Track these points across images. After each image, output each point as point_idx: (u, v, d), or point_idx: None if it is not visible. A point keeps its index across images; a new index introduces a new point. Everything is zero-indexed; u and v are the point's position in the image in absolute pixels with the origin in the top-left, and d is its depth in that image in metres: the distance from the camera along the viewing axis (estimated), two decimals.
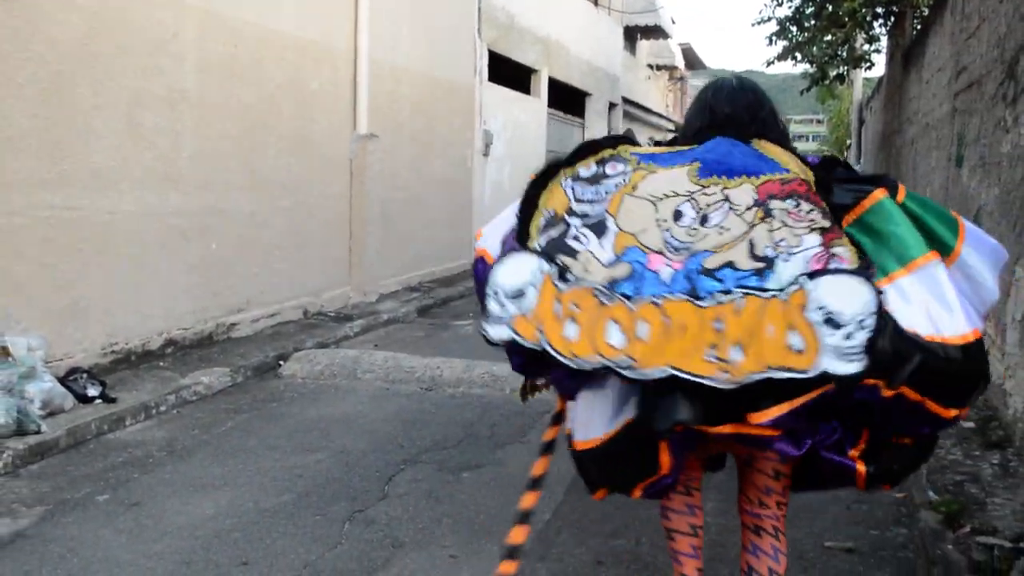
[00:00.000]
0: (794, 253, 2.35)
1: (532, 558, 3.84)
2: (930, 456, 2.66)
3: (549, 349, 2.42)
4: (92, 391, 5.79)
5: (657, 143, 3.07)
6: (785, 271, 2.32)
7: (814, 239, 2.37)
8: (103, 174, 6.41)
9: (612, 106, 21.95)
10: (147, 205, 6.85)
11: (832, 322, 2.21)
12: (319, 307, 9.34)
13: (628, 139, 2.95)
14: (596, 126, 20.54)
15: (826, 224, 2.41)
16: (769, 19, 17.75)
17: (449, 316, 10.19)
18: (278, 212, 8.58)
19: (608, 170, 2.78)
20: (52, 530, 4.03)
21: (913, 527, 4.18)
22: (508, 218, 2.95)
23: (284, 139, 8.63)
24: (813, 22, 16.73)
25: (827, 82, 18.70)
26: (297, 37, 8.75)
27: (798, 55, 17.56)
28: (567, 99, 19.02)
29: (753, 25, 19.00)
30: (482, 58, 13.70)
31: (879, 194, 2.47)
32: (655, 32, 27.61)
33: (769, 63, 18.32)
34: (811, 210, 2.45)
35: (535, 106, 16.69)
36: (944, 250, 2.45)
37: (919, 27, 13.30)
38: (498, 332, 2.54)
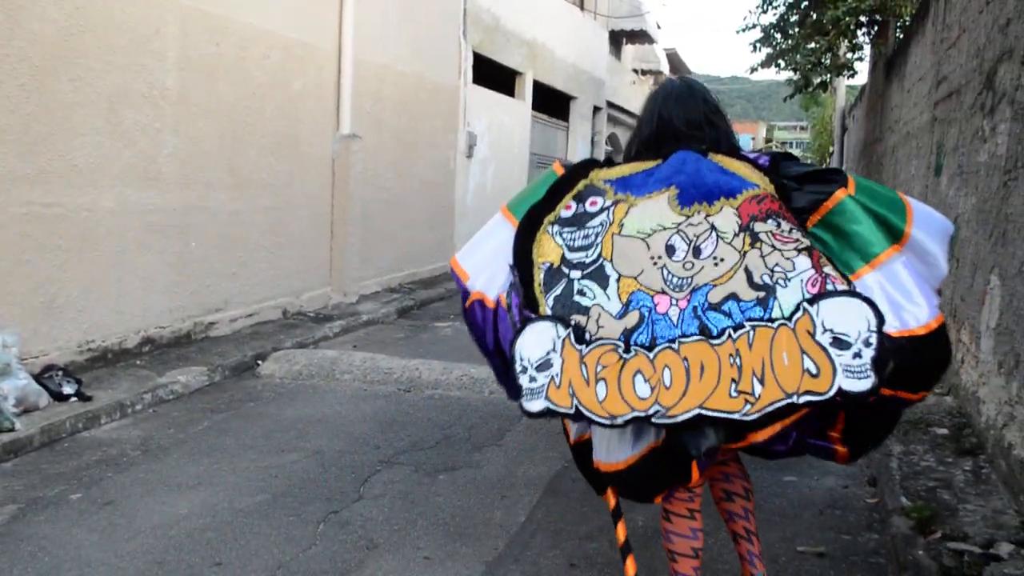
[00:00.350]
0: (790, 278, 2.49)
1: (506, 561, 3.84)
2: (895, 426, 2.83)
3: (587, 414, 2.53)
4: (67, 389, 5.76)
5: (610, 161, 3.11)
6: (786, 298, 2.46)
7: (804, 261, 2.51)
8: (82, 171, 6.37)
9: (597, 110, 21.99)
10: (126, 203, 6.81)
11: (840, 343, 2.36)
12: (299, 307, 9.32)
13: (596, 162, 3.03)
14: (580, 129, 20.57)
15: (808, 243, 2.55)
16: (754, 26, 17.82)
17: (429, 318, 10.18)
18: (259, 211, 8.55)
19: (588, 207, 2.84)
20: (24, 528, 4.01)
21: (885, 532, 4.20)
22: (484, 242, 3.02)
23: (266, 138, 8.60)
24: (797, 30, 16.82)
25: (810, 89, 18.78)
26: (282, 36, 8.73)
27: (782, 62, 17.64)
28: (552, 102, 19.05)
29: (738, 32, 19.07)
30: (467, 60, 13.70)
31: (840, 194, 2.60)
32: (640, 37, 27.66)
33: (753, 69, 18.40)
34: (791, 229, 2.58)
35: (519, 108, 16.70)
36: (896, 234, 2.58)
37: (901, 36, 13.39)
38: (536, 406, 2.60)
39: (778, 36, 17.53)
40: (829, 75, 18.44)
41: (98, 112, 6.50)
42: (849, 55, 17.94)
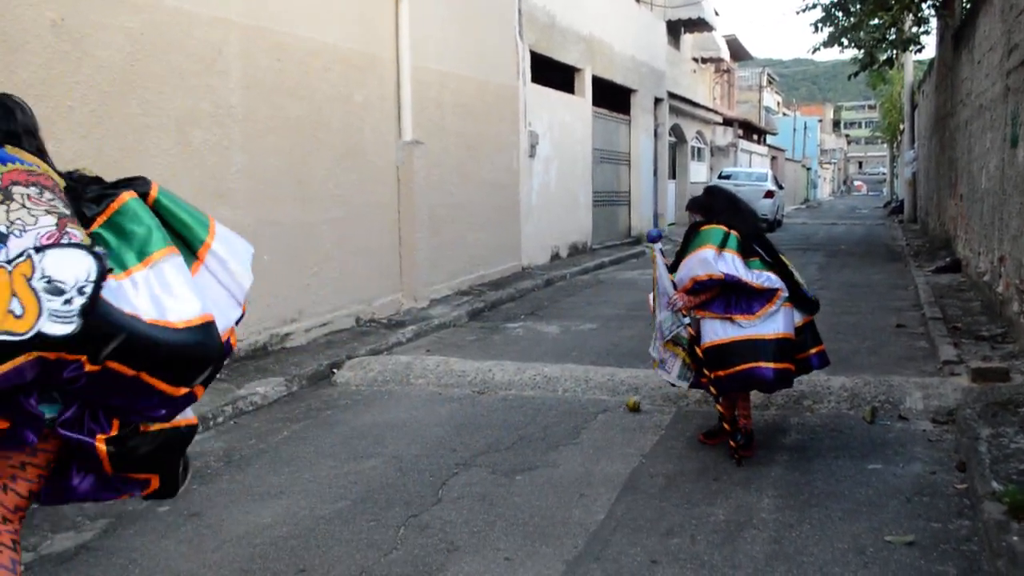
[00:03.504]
0: (27, 231, 2.53)
1: (587, 559, 3.83)
2: (188, 444, 2.93)
3: None
4: None
5: None
6: (16, 245, 2.49)
7: (50, 220, 2.57)
8: None
9: (658, 101, 21.82)
10: None
11: (56, 290, 2.43)
12: (371, 315, 9.42)
13: None
14: (642, 122, 20.43)
15: (66, 212, 2.62)
16: (814, 6, 17.53)
17: (500, 319, 10.21)
18: (328, 222, 8.67)
19: None
20: (114, 542, 4.12)
21: (976, 519, 4.09)
22: None
23: (332, 150, 8.72)
24: (859, 6, 16.49)
25: (876, 67, 18.43)
26: (341, 49, 8.84)
27: (845, 40, 17.32)
28: (612, 96, 18.95)
29: (798, 13, 18.77)
30: (524, 60, 13.71)
31: (126, 196, 2.75)
32: (698, 25, 27.41)
33: (816, 50, 18.14)
34: (53, 198, 2.65)
35: (580, 105, 16.65)
36: (197, 243, 2.86)
37: (968, 6, 13.01)
38: None
39: (840, 14, 17.23)
40: (895, 51, 18.08)
41: (167, 133, 6.66)
42: (915, 29, 17.54)
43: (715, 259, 4.89)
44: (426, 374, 7.15)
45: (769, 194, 25.03)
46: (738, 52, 38.51)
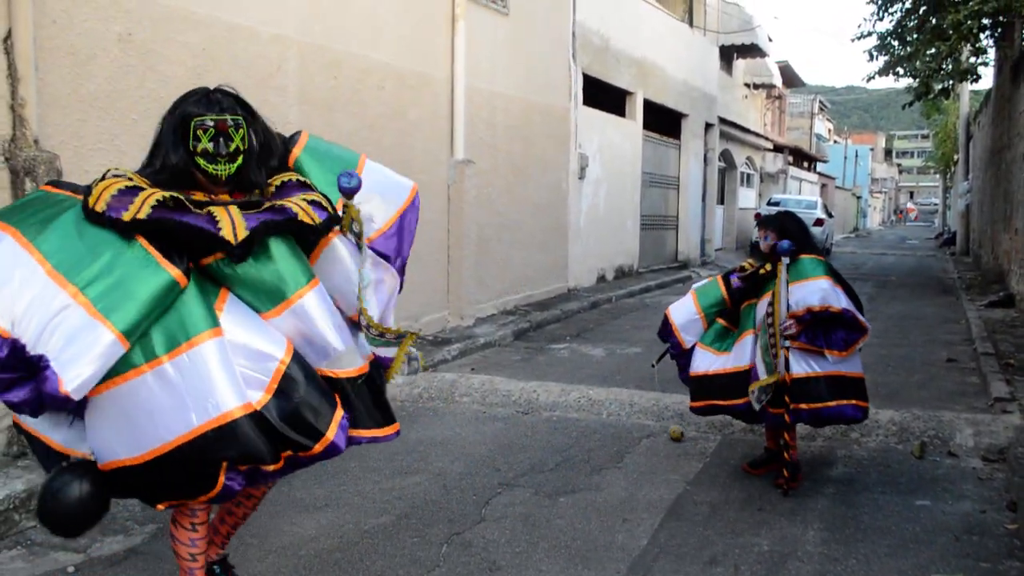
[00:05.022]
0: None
1: None
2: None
3: None
4: None
5: None
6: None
7: None
8: None
9: (709, 126, 21.75)
10: None
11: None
12: (418, 331, 9.45)
13: None
14: (693, 147, 20.38)
15: None
16: (870, 34, 17.40)
17: (545, 340, 10.21)
18: None
19: None
20: (162, 547, 4.17)
21: None
22: None
23: (384, 166, 8.79)
24: (916, 35, 16.32)
25: (931, 97, 18.20)
26: (396, 67, 8.95)
27: (900, 69, 17.15)
28: (663, 120, 18.93)
29: (853, 40, 18.64)
30: (577, 82, 13.76)
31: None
32: (752, 51, 27.28)
33: (870, 78, 17.95)
34: None
35: (630, 128, 16.66)
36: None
37: None
38: None
39: (896, 43, 17.06)
40: (951, 81, 17.84)
41: None
42: (972, 59, 17.32)
43: (835, 291, 4.83)
44: (471, 392, 7.18)
45: (819, 222, 24.81)
46: (790, 78, 38.27)
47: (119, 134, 5.86)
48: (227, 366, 2.67)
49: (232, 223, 2.69)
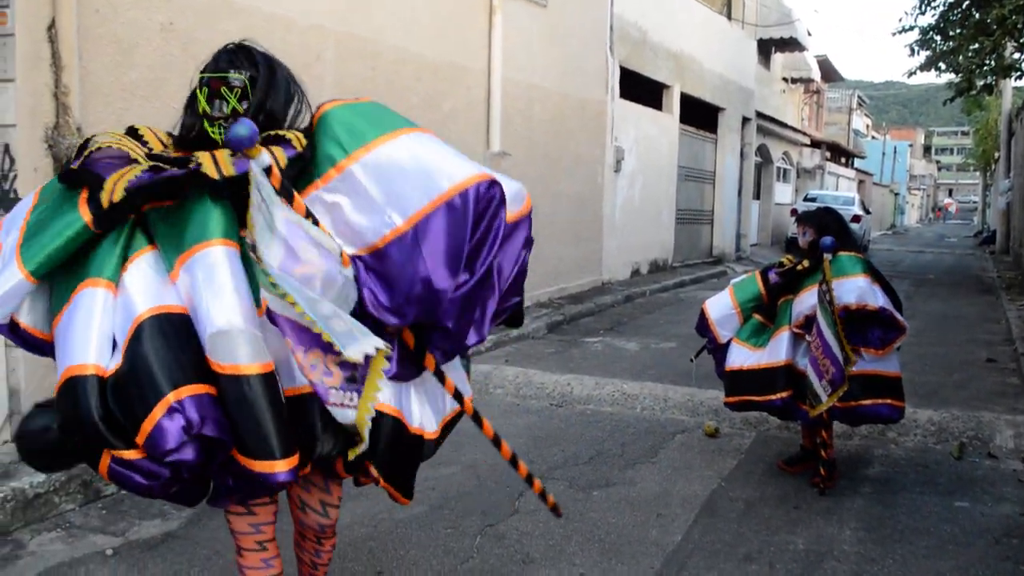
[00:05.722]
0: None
1: None
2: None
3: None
4: None
5: None
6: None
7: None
8: None
9: (746, 120, 21.58)
10: None
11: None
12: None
13: None
14: (729, 141, 20.24)
15: None
16: (911, 28, 17.19)
17: (579, 333, 10.19)
18: None
19: None
20: (199, 532, 4.22)
21: None
22: None
23: None
24: (959, 30, 16.10)
25: (974, 92, 17.95)
26: (432, 58, 8.95)
27: (942, 65, 16.92)
28: (699, 114, 18.81)
29: (894, 35, 18.43)
30: (614, 75, 13.70)
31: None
32: (790, 45, 27.04)
33: (911, 73, 17.76)
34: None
35: (667, 122, 16.57)
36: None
37: None
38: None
39: (938, 38, 16.84)
40: (994, 77, 17.58)
41: None
42: (1016, 55, 17.05)
43: (872, 289, 4.77)
44: (505, 384, 7.18)
45: (856, 218, 24.52)
46: (829, 73, 37.87)
47: (161, 123, 5.88)
48: (94, 322, 2.24)
49: (215, 161, 2.33)
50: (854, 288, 4.75)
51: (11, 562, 3.87)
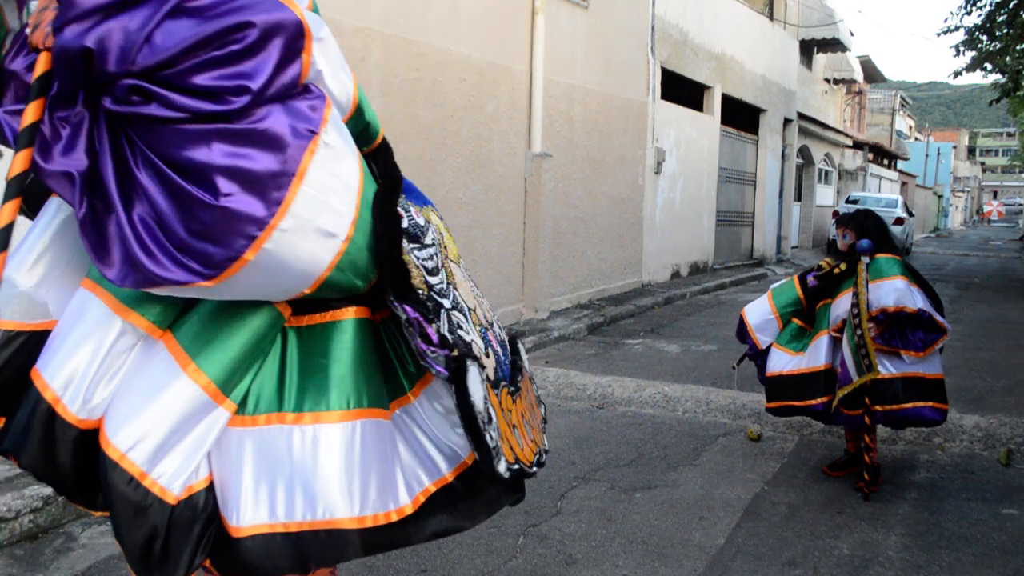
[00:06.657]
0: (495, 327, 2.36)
1: None
2: None
3: (523, 468, 2.25)
4: None
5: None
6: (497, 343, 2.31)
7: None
8: None
9: (787, 122, 21.42)
10: None
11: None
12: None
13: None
14: (770, 142, 20.09)
15: None
16: (957, 28, 16.97)
17: (619, 334, 10.18)
18: (455, 230, 8.76)
19: (419, 219, 2.17)
20: None
21: None
22: None
23: (461, 158, 8.87)
24: (1006, 30, 15.88)
25: (1020, 93, 17.69)
26: (476, 60, 9.00)
27: (988, 65, 16.70)
28: (741, 115, 18.70)
29: (938, 35, 18.21)
30: (655, 76, 13.67)
31: None
32: (833, 45, 26.79)
33: (957, 74, 17.52)
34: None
35: (708, 123, 16.49)
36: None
37: None
38: (503, 468, 2.14)
39: (984, 38, 16.62)
40: None
41: None
42: None
43: (910, 291, 4.73)
44: (546, 385, 7.20)
45: (899, 221, 24.27)
46: (871, 74, 37.46)
47: None
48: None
49: None
50: (892, 290, 4.72)
51: (64, 554, 3.95)
